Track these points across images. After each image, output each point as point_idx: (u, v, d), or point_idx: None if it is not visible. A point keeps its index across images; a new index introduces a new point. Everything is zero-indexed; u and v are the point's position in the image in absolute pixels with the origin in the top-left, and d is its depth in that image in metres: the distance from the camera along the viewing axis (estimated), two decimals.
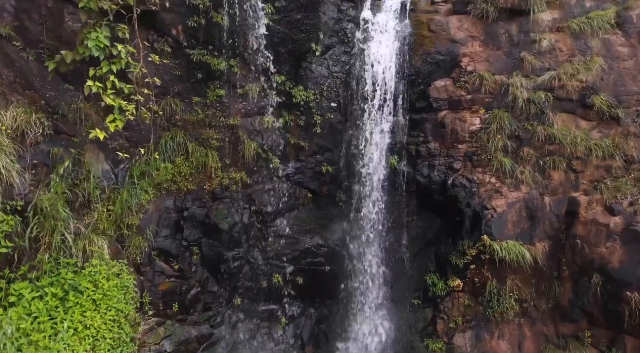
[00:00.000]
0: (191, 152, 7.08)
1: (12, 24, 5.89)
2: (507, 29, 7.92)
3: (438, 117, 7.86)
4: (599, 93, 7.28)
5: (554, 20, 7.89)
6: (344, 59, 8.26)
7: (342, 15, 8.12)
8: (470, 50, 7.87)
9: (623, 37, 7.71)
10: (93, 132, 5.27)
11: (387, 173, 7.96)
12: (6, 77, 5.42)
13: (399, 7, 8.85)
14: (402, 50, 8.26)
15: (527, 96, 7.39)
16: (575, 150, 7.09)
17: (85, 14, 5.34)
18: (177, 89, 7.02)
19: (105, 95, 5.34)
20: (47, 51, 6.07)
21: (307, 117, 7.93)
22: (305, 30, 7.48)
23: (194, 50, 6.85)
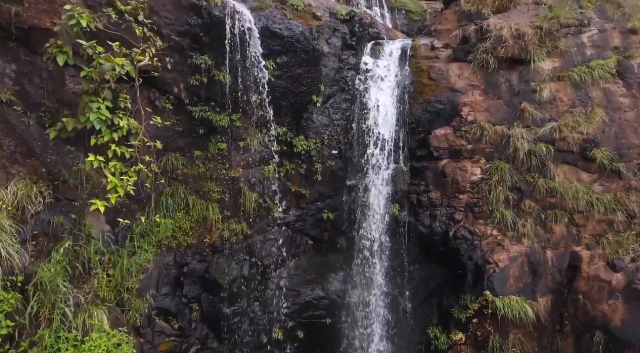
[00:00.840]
0: (192, 205, 7.06)
1: (12, 89, 5.91)
2: (508, 78, 7.93)
3: (439, 165, 7.84)
4: (600, 146, 7.27)
5: (554, 69, 7.90)
6: (345, 106, 8.27)
7: (342, 64, 8.14)
8: (470, 99, 7.88)
9: (624, 87, 7.71)
10: (94, 204, 5.25)
11: (389, 221, 7.93)
12: (7, 148, 5.42)
13: (400, 53, 8.88)
14: (402, 97, 8.27)
15: (528, 148, 7.38)
16: (576, 204, 7.07)
17: (86, 82, 5.34)
18: (178, 144, 7.01)
19: (106, 169, 5.32)
20: (48, 114, 6.07)
21: (308, 165, 7.92)
22: (307, 83, 7.49)
23: (196, 107, 6.86)
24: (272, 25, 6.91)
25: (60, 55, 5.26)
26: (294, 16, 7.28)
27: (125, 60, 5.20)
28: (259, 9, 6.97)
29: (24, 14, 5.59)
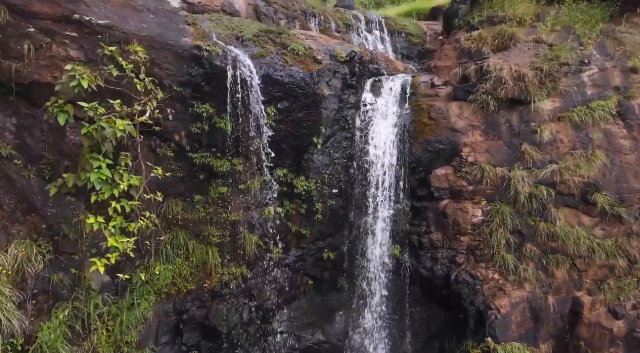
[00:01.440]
0: (191, 250, 7.04)
1: (13, 143, 5.91)
2: (508, 118, 7.93)
3: (440, 206, 7.83)
4: (601, 190, 7.26)
5: (554, 109, 7.90)
6: (345, 144, 8.26)
7: (342, 104, 8.14)
8: (470, 139, 7.88)
9: (625, 129, 7.71)
10: (93, 264, 5.22)
11: (390, 262, 7.91)
12: (7, 206, 5.41)
13: (399, 91, 8.89)
14: (402, 136, 8.27)
15: (528, 191, 7.37)
16: (578, 249, 7.05)
17: (87, 139, 5.33)
18: (179, 189, 7.00)
19: (106, 230, 5.31)
20: (48, 166, 6.07)
21: (308, 204, 7.90)
22: (307, 126, 7.49)
23: (196, 153, 6.85)
24: (274, 73, 6.92)
25: (61, 114, 5.25)
26: (294, 61, 7.29)
27: (126, 122, 5.19)
28: (260, 56, 6.98)
29: (25, 70, 5.60)
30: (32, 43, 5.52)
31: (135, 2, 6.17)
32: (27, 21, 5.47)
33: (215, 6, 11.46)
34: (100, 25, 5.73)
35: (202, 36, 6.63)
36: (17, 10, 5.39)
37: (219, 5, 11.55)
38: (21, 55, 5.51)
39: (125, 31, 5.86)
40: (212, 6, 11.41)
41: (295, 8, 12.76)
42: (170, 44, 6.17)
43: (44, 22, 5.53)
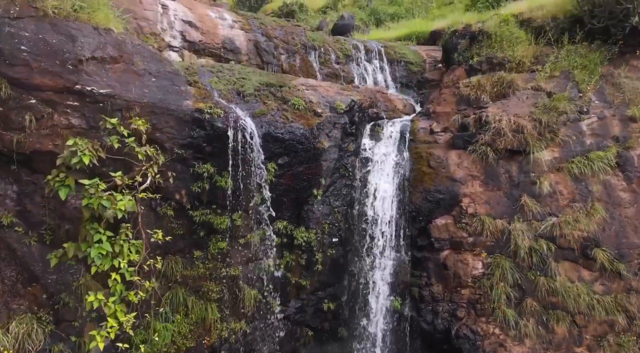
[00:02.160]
0: (191, 307, 7.03)
1: (14, 210, 5.91)
2: (507, 169, 7.96)
3: (440, 256, 7.83)
4: (601, 245, 7.26)
5: (553, 159, 7.93)
6: (345, 192, 8.28)
7: (342, 153, 8.17)
8: (470, 190, 7.90)
9: (624, 181, 7.74)
10: (93, 339, 5.22)
11: (391, 314, 7.90)
12: (8, 280, 5.41)
13: (399, 137, 8.93)
14: (402, 184, 8.30)
15: (528, 245, 7.38)
16: (578, 305, 7.04)
17: (88, 211, 5.34)
18: (179, 246, 7.00)
19: (106, 306, 5.32)
20: (49, 232, 6.07)
21: (308, 255, 7.90)
22: (307, 179, 7.52)
23: (197, 211, 6.86)
24: (274, 131, 6.95)
25: (63, 188, 5.28)
26: (295, 116, 7.33)
27: (127, 199, 5.21)
28: (261, 114, 7.02)
29: (26, 140, 5.62)
30: (33, 114, 5.55)
31: (136, 66, 6.20)
32: (28, 93, 5.50)
33: (216, 44, 11.55)
34: (102, 94, 5.76)
35: (204, 97, 6.66)
36: (18, 83, 5.42)
37: (220, 43, 11.64)
38: (22, 126, 5.54)
39: (127, 99, 5.89)
40: (212, 44, 11.50)
41: (295, 42, 12.83)
42: (172, 109, 6.20)
43: (46, 94, 5.56)
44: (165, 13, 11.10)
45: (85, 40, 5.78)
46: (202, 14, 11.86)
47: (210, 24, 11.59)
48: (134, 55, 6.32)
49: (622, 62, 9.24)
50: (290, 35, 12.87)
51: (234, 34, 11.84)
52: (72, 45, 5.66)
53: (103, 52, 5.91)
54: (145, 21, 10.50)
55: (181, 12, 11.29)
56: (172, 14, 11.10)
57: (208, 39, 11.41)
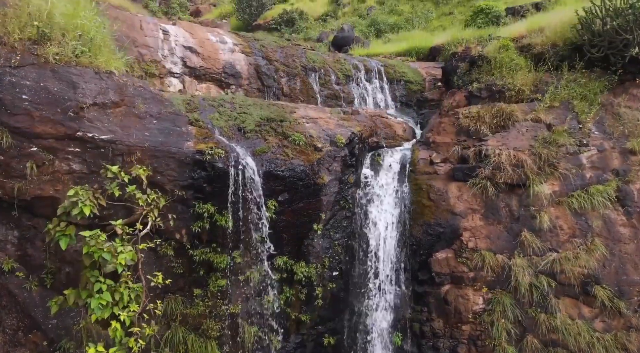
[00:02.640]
0: (190, 345, 7.00)
1: (15, 255, 5.92)
2: (508, 202, 7.97)
3: (441, 291, 7.82)
4: (601, 282, 7.26)
5: (553, 193, 7.94)
6: (346, 223, 8.27)
7: (343, 185, 8.17)
8: (470, 224, 7.91)
9: (624, 216, 7.74)
10: None
11: (391, 349, 7.88)
12: (9, 328, 5.42)
13: (399, 167, 8.94)
14: (402, 217, 8.30)
15: (529, 281, 7.38)
16: (578, 343, 7.03)
17: (88, 258, 5.34)
18: (179, 285, 6.99)
19: None
20: (49, 275, 6.07)
21: (308, 289, 7.88)
22: (308, 214, 7.52)
23: (197, 250, 6.85)
24: (275, 169, 6.96)
25: (63, 238, 5.28)
26: (295, 152, 7.34)
27: (128, 252, 5.22)
28: (262, 152, 7.03)
29: (27, 187, 5.63)
30: (34, 162, 5.56)
31: (137, 109, 6.22)
32: (29, 141, 5.51)
33: (216, 69, 11.59)
34: (103, 140, 5.78)
35: (205, 136, 6.67)
36: (19, 132, 5.44)
37: (221, 68, 11.68)
38: (24, 174, 5.55)
39: (128, 144, 5.91)
40: (213, 69, 11.54)
41: (295, 65, 12.87)
42: (173, 152, 6.22)
43: (47, 141, 5.58)
44: (166, 39, 11.15)
45: (86, 87, 5.80)
46: (203, 38, 11.90)
47: (211, 49, 11.63)
48: (135, 97, 6.34)
49: (622, 91, 9.28)
50: (290, 57, 12.90)
51: (234, 59, 11.88)
52: (74, 92, 5.68)
53: (104, 97, 5.94)
54: (146, 48, 10.54)
55: (182, 37, 11.33)
56: (172, 40, 11.15)
57: (209, 64, 11.45)
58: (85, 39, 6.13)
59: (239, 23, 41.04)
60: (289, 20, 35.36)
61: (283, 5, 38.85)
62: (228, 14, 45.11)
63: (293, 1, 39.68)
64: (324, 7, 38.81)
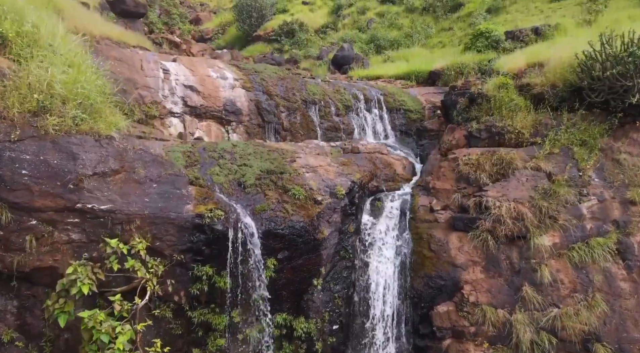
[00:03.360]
0: None
1: (14, 324, 5.90)
2: (508, 254, 7.95)
3: (442, 345, 7.78)
4: (602, 340, 7.22)
5: (554, 245, 7.92)
6: (346, 274, 8.24)
7: (343, 235, 8.16)
8: (471, 277, 7.88)
9: (624, 270, 7.72)
10: None
11: None
12: None
13: (399, 214, 8.93)
14: (403, 269, 8.28)
15: (530, 338, 7.34)
16: None
17: (87, 333, 5.33)
18: (177, 345, 6.94)
19: None
20: (48, 344, 6.04)
21: (308, 344, 7.80)
22: (307, 270, 7.50)
23: (195, 311, 6.82)
24: (274, 227, 6.95)
25: (62, 315, 5.28)
26: (295, 207, 7.33)
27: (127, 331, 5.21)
28: (262, 210, 7.03)
29: (26, 259, 5.61)
30: (34, 235, 5.55)
31: (137, 174, 6.22)
32: (29, 215, 5.51)
33: (217, 107, 11.58)
34: (102, 210, 5.77)
35: (205, 197, 6.66)
36: (18, 207, 5.43)
37: (221, 105, 11.67)
38: (23, 247, 5.54)
39: (128, 213, 5.90)
40: (214, 107, 11.53)
41: (295, 98, 12.87)
42: (172, 218, 6.21)
43: (46, 214, 5.57)
44: (166, 78, 11.15)
45: (86, 157, 5.81)
46: (203, 75, 11.90)
47: (212, 87, 11.63)
48: (136, 161, 6.34)
49: (622, 134, 9.27)
50: (290, 91, 12.91)
51: (235, 95, 11.88)
52: (74, 163, 5.69)
53: (105, 166, 5.94)
54: (147, 89, 10.55)
55: (182, 75, 11.33)
56: (173, 79, 11.15)
57: (209, 102, 11.45)
58: (85, 105, 6.14)
59: (239, 33, 41.22)
60: (289, 31, 35.48)
61: (283, 15, 38.96)
62: (228, 22, 45.23)
63: (293, 11, 39.84)
64: (324, 18, 38.94)
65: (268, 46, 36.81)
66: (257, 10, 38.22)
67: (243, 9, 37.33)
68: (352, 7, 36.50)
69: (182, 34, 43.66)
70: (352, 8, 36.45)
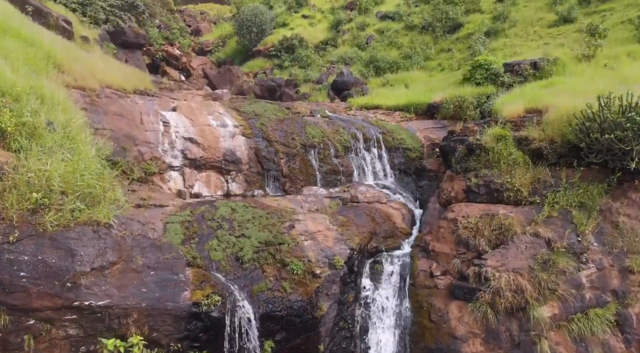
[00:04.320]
0: None
1: None
2: (508, 326, 7.92)
3: None
4: None
5: (553, 316, 7.89)
6: (345, 345, 8.19)
7: (342, 306, 8.11)
8: (472, 349, 7.85)
9: (623, 344, 7.69)
10: None
11: None
12: None
13: (399, 279, 8.92)
14: (403, 339, 8.26)
15: None
16: None
17: None
18: None
19: None
20: None
21: None
22: (306, 349, 7.47)
23: None
24: (272, 309, 6.94)
25: None
26: (293, 284, 7.32)
27: None
28: (259, 291, 7.01)
29: None
30: (32, 334, 5.53)
31: (135, 263, 6.22)
32: (27, 316, 5.49)
33: (217, 158, 11.58)
34: (100, 306, 5.76)
35: (202, 280, 6.65)
36: (17, 308, 5.42)
37: (221, 156, 11.67)
38: (21, 346, 5.52)
39: (125, 307, 5.88)
40: (214, 158, 11.53)
41: (295, 144, 12.87)
42: (169, 308, 6.18)
43: (45, 313, 5.56)
44: (166, 131, 11.16)
45: (84, 252, 5.81)
46: (203, 124, 11.90)
47: (212, 138, 11.63)
48: (134, 249, 6.34)
49: (621, 194, 9.27)
50: (290, 136, 12.90)
51: (235, 145, 11.88)
52: (72, 260, 5.69)
53: (102, 259, 5.94)
54: (146, 145, 10.55)
55: (182, 127, 11.33)
56: (173, 132, 11.15)
57: (209, 153, 11.45)
58: (84, 194, 6.14)
59: (240, 47, 41.33)
60: (289, 47, 35.65)
61: (283, 29, 39.07)
62: (228, 35, 45.40)
63: (293, 26, 39.94)
64: (324, 33, 39.04)
65: (268, 61, 36.95)
66: (257, 26, 38.39)
67: (243, 24, 37.51)
68: (352, 22, 36.59)
69: (182, 47, 43.94)
70: (352, 24, 36.53)
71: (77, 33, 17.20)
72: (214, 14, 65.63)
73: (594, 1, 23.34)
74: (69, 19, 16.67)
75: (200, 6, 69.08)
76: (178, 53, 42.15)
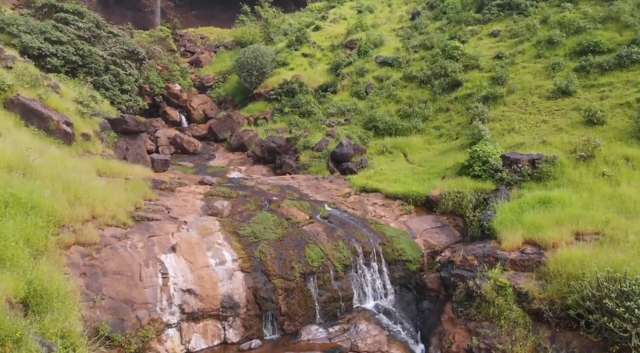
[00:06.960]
0: None
1: None
2: None
3: None
4: None
5: None
6: None
7: None
8: None
9: None
10: None
11: None
12: None
13: None
14: None
15: None
16: None
17: None
18: None
19: None
20: None
21: None
22: None
23: None
24: None
25: None
26: None
27: None
28: None
29: None
30: None
31: None
32: None
33: (214, 306, 11.43)
34: None
35: None
36: None
37: (218, 304, 11.52)
38: None
39: None
40: (211, 307, 11.37)
41: (294, 274, 12.64)
42: None
43: None
44: (164, 284, 11.01)
45: None
46: (202, 265, 11.72)
47: (210, 284, 11.47)
48: None
49: None
50: (289, 265, 12.72)
51: (233, 288, 11.72)
52: None
53: None
54: (144, 307, 10.40)
55: (181, 276, 11.17)
56: (171, 285, 10.99)
57: (207, 304, 11.30)
58: None
59: (240, 87, 41.69)
60: (289, 90, 35.95)
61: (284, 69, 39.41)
62: (228, 70, 45.73)
63: (293, 65, 40.25)
64: (324, 76, 39.36)
65: (268, 105, 37.23)
66: (258, 69, 38.81)
67: (244, 67, 37.94)
68: (351, 66, 36.76)
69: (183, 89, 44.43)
70: (351, 67, 36.73)
71: (77, 131, 17.18)
72: (214, 37, 66.08)
73: (592, 72, 23.03)
74: (70, 120, 16.68)
75: (201, 30, 69.61)
76: (179, 88, 42.55)
